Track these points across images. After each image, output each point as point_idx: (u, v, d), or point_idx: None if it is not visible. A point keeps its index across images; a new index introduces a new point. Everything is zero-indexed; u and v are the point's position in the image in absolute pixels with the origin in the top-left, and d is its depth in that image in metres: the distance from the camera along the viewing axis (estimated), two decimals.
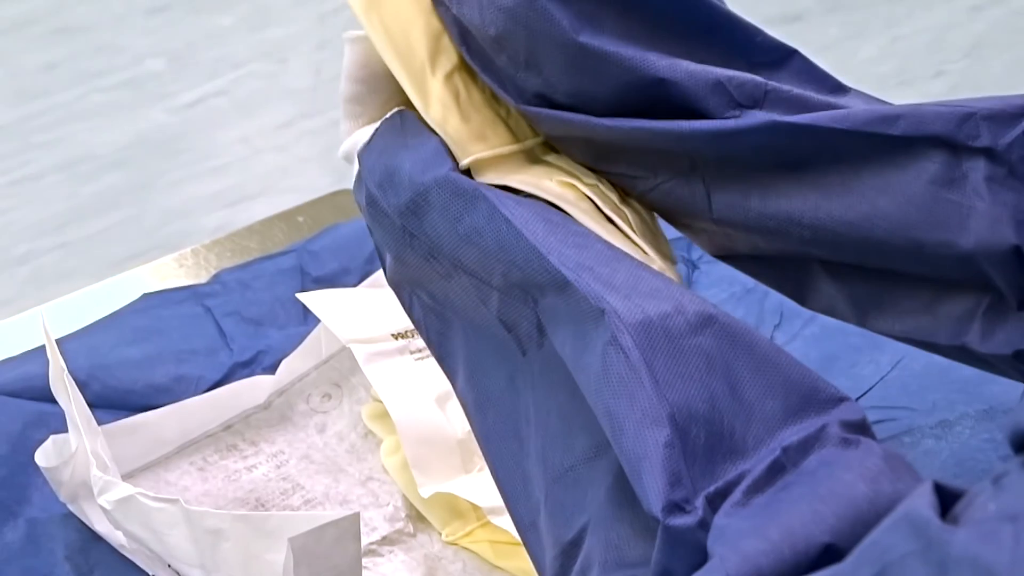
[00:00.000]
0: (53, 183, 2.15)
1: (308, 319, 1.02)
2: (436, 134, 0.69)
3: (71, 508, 0.89)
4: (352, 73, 0.74)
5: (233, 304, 1.04)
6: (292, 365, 0.98)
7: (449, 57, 0.71)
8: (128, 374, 0.97)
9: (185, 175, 2.16)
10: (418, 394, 0.89)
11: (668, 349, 0.58)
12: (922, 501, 0.48)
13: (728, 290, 1.02)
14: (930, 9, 2.41)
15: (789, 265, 0.69)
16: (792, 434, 0.57)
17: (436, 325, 0.69)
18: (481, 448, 0.69)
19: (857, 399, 0.91)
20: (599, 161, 0.69)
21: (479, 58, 0.69)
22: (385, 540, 0.89)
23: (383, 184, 0.69)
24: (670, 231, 0.72)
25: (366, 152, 0.71)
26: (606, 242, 0.66)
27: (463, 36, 0.69)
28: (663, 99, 0.66)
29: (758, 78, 0.66)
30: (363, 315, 0.94)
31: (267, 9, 2.44)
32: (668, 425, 0.56)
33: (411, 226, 0.67)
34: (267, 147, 2.19)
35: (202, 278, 1.08)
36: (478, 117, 0.71)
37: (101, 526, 0.86)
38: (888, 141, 0.63)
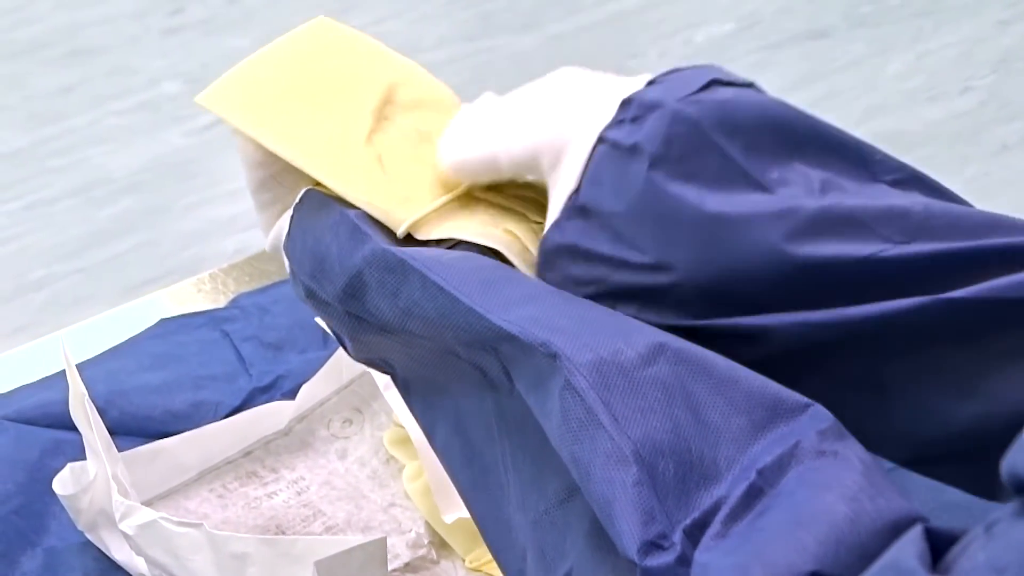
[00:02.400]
0: (69, 207, 2.15)
1: (328, 343, 1.01)
2: (351, 205, 0.68)
3: (89, 537, 0.88)
4: (250, 159, 0.73)
5: (252, 329, 1.04)
6: (312, 390, 0.97)
7: (363, 123, 0.70)
8: (146, 400, 0.97)
9: (202, 198, 2.16)
10: None
11: (623, 385, 0.57)
12: (910, 550, 0.48)
13: None
14: (957, 24, 2.41)
15: (978, 457, 0.64)
16: (764, 451, 0.56)
17: (417, 387, 0.69)
18: (463, 499, 0.68)
19: None
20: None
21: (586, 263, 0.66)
22: (408, 567, 0.88)
23: (315, 275, 0.68)
24: None
25: (289, 244, 0.70)
26: (545, 285, 0.65)
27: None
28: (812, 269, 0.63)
29: (905, 201, 0.63)
30: None
31: (284, 29, 2.43)
32: (634, 463, 0.55)
33: (354, 310, 0.67)
34: None
35: (220, 302, 1.08)
36: (405, 174, 0.70)
37: (120, 554, 0.86)
38: None
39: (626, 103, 0.65)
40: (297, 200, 0.70)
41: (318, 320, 0.97)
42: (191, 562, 0.79)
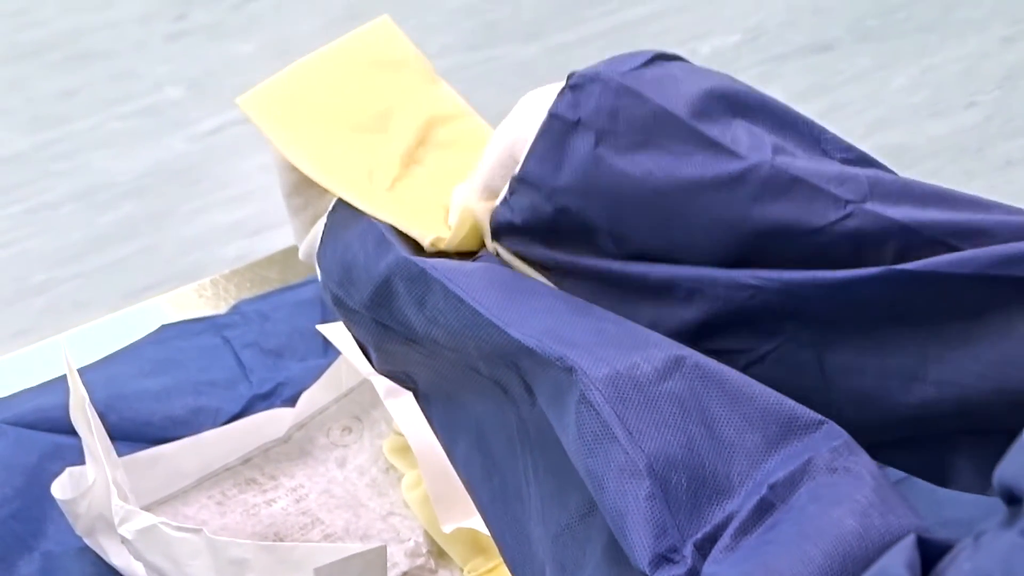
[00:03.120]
0: (71, 212, 2.15)
1: (328, 351, 1.01)
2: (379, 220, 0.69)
3: (87, 541, 0.88)
4: (283, 162, 0.73)
5: (252, 335, 1.04)
6: (312, 398, 0.97)
7: (391, 168, 0.71)
8: (146, 406, 0.97)
9: (204, 204, 2.16)
10: None
11: (639, 399, 0.57)
12: (899, 558, 0.48)
13: None
14: (962, 39, 2.41)
15: (928, 443, 0.65)
16: (777, 467, 0.56)
17: (438, 401, 0.69)
18: (482, 513, 0.68)
19: None
20: (697, 334, 0.64)
21: (537, 243, 0.67)
22: None
23: (343, 283, 0.69)
24: None
25: (320, 253, 0.71)
26: (564, 296, 0.65)
27: (515, 229, 0.67)
28: (765, 235, 0.62)
29: (855, 174, 0.62)
30: None
31: (288, 37, 2.44)
32: (647, 476, 0.55)
33: (381, 318, 0.67)
34: None
35: (221, 309, 1.08)
36: (425, 205, 0.70)
37: (118, 560, 0.86)
38: (1016, 283, 0.59)
39: (569, 79, 0.65)
40: (329, 210, 0.71)
41: (319, 328, 0.97)
42: (190, 567, 0.79)
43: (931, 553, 0.49)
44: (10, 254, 2.08)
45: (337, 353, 0.97)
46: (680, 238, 0.63)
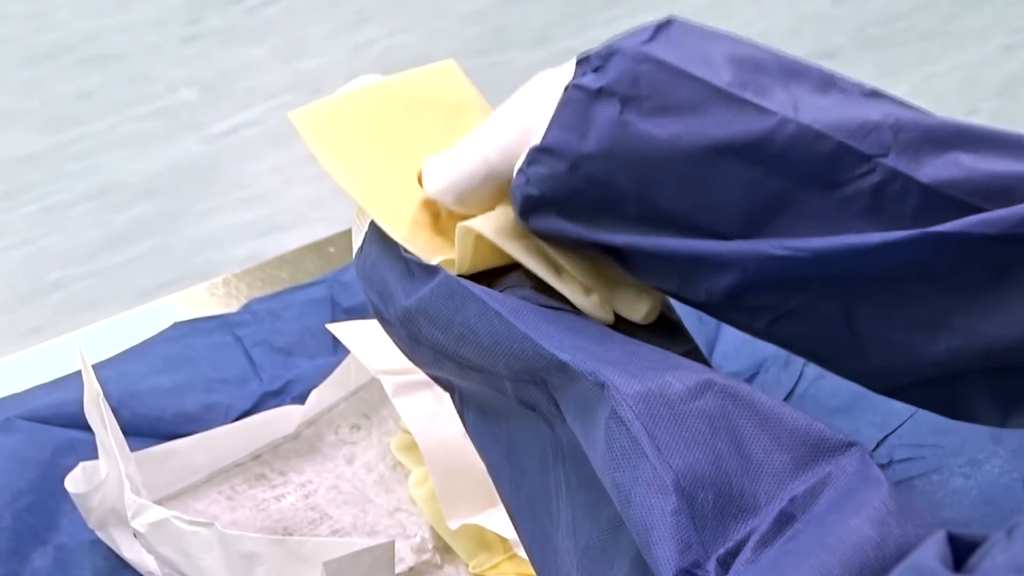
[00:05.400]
0: (85, 211, 2.15)
1: (338, 350, 1.02)
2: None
3: (100, 535, 0.89)
4: None
5: (263, 334, 1.04)
6: (322, 395, 0.98)
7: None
8: (158, 402, 0.97)
9: (217, 205, 2.16)
10: (447, 426, 0.89)
11: (669, 416, 0.58)
12: (931, 552, 0.48)
13: None
14: (963, 47, 2.41)
15: (947, 380, 0.65)
16: (800, 483, 0.56)
17: (474, 409, 0.70)
18: (512, 519, 0.69)
19: (886, 436, 0.91)
20: (728, 298, 0.64)
21: (561, 217, 0.65)
22: (412, 571, 0.89)
23: (382, 296, 0.69)
24: None
25: (359, 261, 0.71)
26: (596, 324, 0.65)
27: (535, 204, 0.66)
28: (785, 193, 0.62)
29: (876, 126, 0.62)
30: (393, 346, 0.94)
31: (301, 40, 2.45)
32: (674, 493, 0.56)
33: (413, 332, 0.68)
34: (299, 178, 2.19)
35: (233, 307, 1.09)
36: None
37: (130, 553, 0.87)
38: None
39: (583, 59, 0.64)
40: (370, 221, 0.71)
41: (328, 327, 0.97)
42: (201, 561, 0.80)
43: (961, 549, 0.48)
44: (25, 253, 2.09)
45: (346, 352, 0.97)
46: (706, 198, 0.62)
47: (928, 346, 0.62)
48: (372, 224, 0.71)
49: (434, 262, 0.67)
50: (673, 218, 0.63)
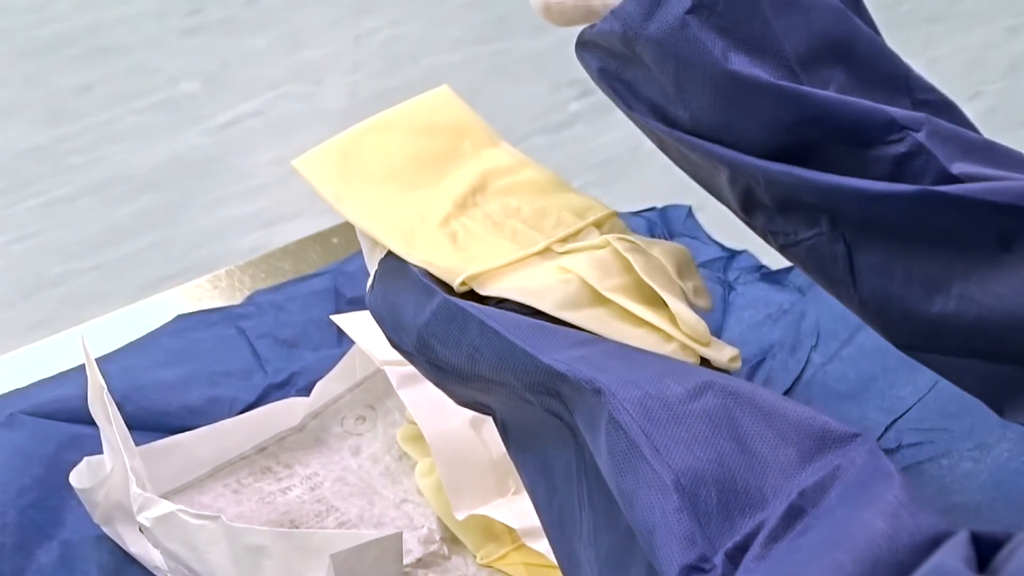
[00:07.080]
0: (88, 204, 2.15)
1: (342, 341, 1.02)
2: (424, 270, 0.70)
3: (105, 530, 0.89)
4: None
5: (267, 326, 1.04)
6: (326, 387, 0.98)
7: (441, 208, 0.72)
8: (162, 396, 0.97)
9: (220, 196, 2.16)
10: (452, 416, 0.89)
11: (668, 418, 0.58)
12: (955, 553, 0.48)
13: (764, 311, 1.02)
14: (967, 30, 2.40)
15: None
16: (809, 476, 0.56)
17: (512, 426, 0.70)
18: (548, 540, 0.69)
19: (895, 420, 0.91)
20: (743, 209, 0.69)
21: (624, 96, 0.69)
22: (420, 562, 0.88)
23: (396, 328, 0.70)
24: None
25: (371, 298, 0.72)
26: (599, 338, 0.66)
27: (607, 77, 0.69)
28: (815, 141, 0.64)
29: (916, 113, 0.64)
30: None
31: (302, 31, 2.44)
32: (675, 492, 0.56)
33: (432, 359, 0.68)
34: None
35: (236, 299, 1.08)
36: (478, 246, 0.71)
37: (135, 547, 0.86)
38: None
39: None
40: (381, 260, 0.72)
41: (333, 318, 0.97)
42: (208, 554, 0.80)
43: (985, 548, 0.48)
44: (28, 247, 2.09)
45: (351, 343, 0.97)
46: (735, 122, 0.65)
47: (923, 305, 0.64)
48: (382, 261, 0.72)
49: (458, 280, 0.68)
50: (697, 130, 0.66)
